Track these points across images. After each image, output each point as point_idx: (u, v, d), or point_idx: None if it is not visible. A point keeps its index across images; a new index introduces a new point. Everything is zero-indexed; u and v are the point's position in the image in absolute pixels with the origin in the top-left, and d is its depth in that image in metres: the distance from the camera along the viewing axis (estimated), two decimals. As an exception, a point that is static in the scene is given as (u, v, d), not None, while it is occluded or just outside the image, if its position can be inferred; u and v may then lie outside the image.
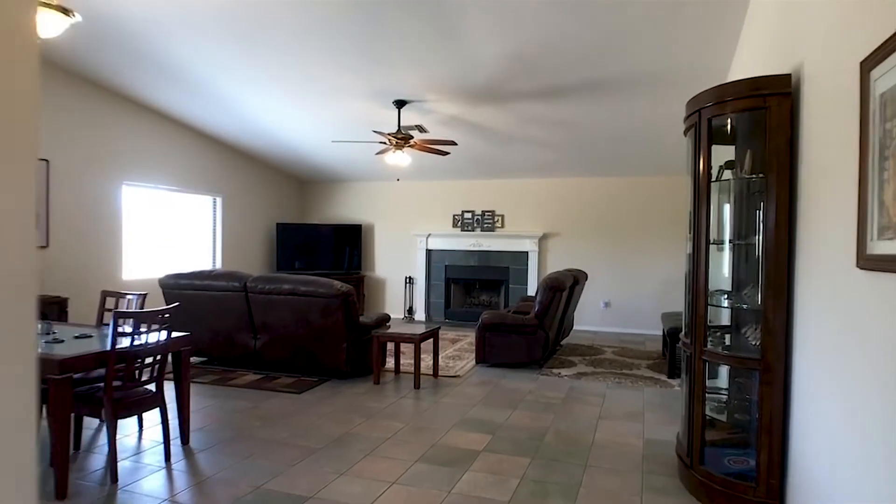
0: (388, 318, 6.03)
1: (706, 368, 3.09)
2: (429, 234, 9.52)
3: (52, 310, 5.62)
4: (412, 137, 6.41)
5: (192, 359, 6.16)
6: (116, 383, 3.38)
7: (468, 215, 9.41)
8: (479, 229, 9.35)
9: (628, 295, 8.65)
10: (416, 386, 5.36)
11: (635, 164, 8.16)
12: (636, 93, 5.70)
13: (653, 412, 4.73)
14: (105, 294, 4.50)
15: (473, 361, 6.41)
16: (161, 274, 7.30)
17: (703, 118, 3.05)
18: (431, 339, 5.83)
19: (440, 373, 5.90)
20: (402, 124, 6.88)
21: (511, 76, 5.45)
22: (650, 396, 5.21)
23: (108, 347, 3.27)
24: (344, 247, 9.73)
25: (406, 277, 9.73)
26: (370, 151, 7.56)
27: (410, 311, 9.70)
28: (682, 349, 3.33)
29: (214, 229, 8.45)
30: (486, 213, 9.33)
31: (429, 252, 9.62)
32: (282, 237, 9.42)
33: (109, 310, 4.46)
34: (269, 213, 9.51)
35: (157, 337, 3.58)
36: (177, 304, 3.70)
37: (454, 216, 9.50)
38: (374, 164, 8.77)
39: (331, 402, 4.89)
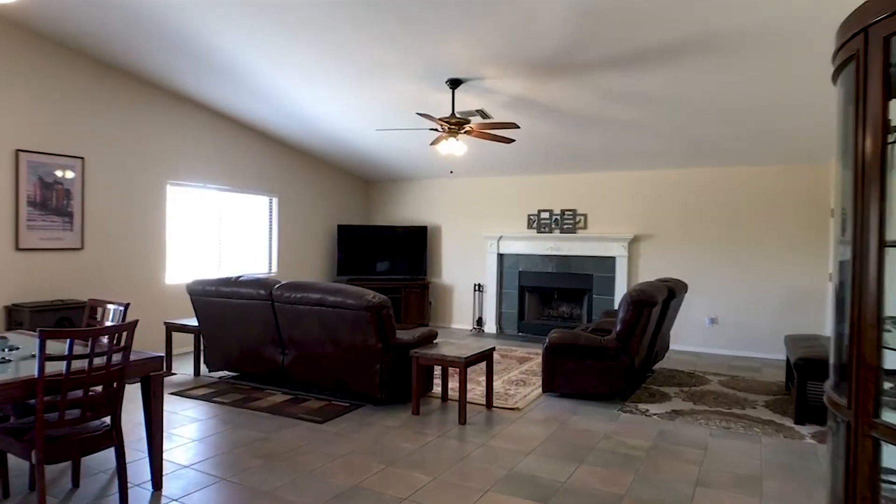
0: (433, 334, 5.09)
1: (879, 451, 1.88)
2: (500, 237, 8.50)
3: (79, 316, 5.18)
4: (467, 122, 5.44)
5: (222, 373, 5.58)
6: (50, 416, 2.68)
7: (545, 215, 8.29)
8: (557, 231, 8.20)
9: (740, 310, 7.16)
10: (462, 421, 4.37)
11: (750, 151, 6.70)
12: (751, 54, 4.40)
13: (775, 478, 3.45)
14: (92, 303, 3.89)
15: (540, 389, 5.32)
16: (214, 275, 6.82)
17: (874, 41, 1.85)
18: (485, 362, 4.82)
19: (495, 403, 4.87)
20: (462, 110, 5.95)
21: (582, 39, 4.35)
22: (771, 451, 3.90)
23: (37, 373, 2.57)
24: (408, 251, 8.91)
25: (475, 285, 8.75)
26: (432, 146, 6.66)
27: (480, 322, 8.70)
28: (830, 411, 2.12)
29: (270, 231, 7.91)
30: (567, 213, 8.17)
31: (500, 257, 8.59)
32: (342, 240, 8.76)
33: (94, 319, 3.86)
34: (330, 215, 8.88)
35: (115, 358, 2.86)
36: (135, 320, 2.97)
37: (529, 216, 8.41)
38: (441, 160, 7.88)
39: (354, 436, 4.02)
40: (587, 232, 8.06)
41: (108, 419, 2.90)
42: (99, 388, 2.82)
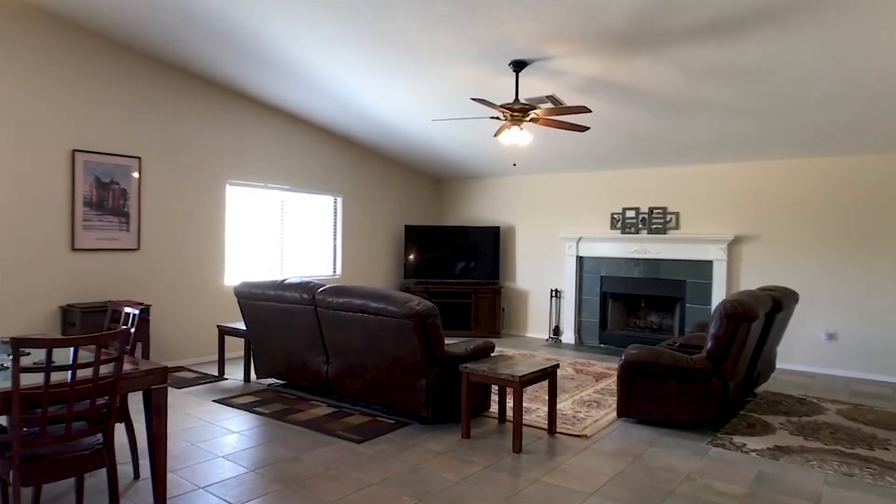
0: (489, 346, 4.53)
1: None
2: (580, 238, 7.77)
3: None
4: (533, 108, 4.85)
5: (270, 380, 5.32)
6: (28, 431, 2.41)
7: (631, 214, 7.48)
8: (645, 231, 7.37)
9: (865, 323, 6.04)
10: (517, 448, 3.79)
11: (881, 135, 5.60)
12: (883, 8, 3.50)
13: (918, 554, 2.61)
14: (112, 306, 3.69)
15: (615, 413, 4.62)
16: (276, 277, 6.66)
17: None
18: (548, 381, 4.20)
19: (560, 428, 4.24)
20: (530, 97, 5.36)
21: (664, 1, 3.65)
22: (910, 514, 3.02)
23: (12, 385, 2.30)
24: (480, 253, 8.39)
25: (552, 290, 8.07)
26: (496, 137, 6.11)
27: (557, 331, 8.01)
28: None
29: (335, 232, 7.68)
30: (656, 211, 7.32)
31: (580, 259, 7.86)
32: (410, 241, 8.38)
33: (115, 323, 3.65)
34: (397, 215, 8.53)
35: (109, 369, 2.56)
36: (128, 328, 2.67)
37: (613, 215, 7.62)
38: (513, 156, 7.31)
39: (390, 461, 3.56)
40: (679, 232, 7.17)
41: (100, 437, 2.61)
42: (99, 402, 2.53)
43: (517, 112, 4.90)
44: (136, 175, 5.47)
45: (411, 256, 8.39)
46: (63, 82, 5.00)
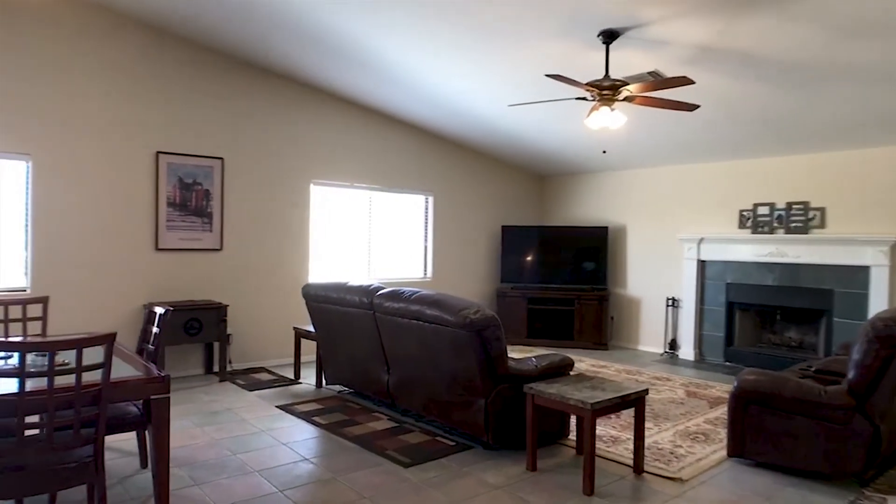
0: (567, 363, 3.89)
1: None
2: (701, 239, 6.75)
3: (210, 317, 5.12)
4: (624, 84, 4.12)
5: (336, 387, 5.07)
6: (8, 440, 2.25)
7: (764, 210, 6.35)
8: (781, 231, 6.21)
9: None
10: (588, 490, 3.13)
11: None
12: None
13: None
14: (148, 307, 3.57)
15: (725, 451, 3.76)
16: (363, 280, 6.47)
17: None
18: (634, 409, 3.47)
19: (650, 466, 3.50)
20: (627, 74, 4.63)
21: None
22: None
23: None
24: (586, 255, 7.62)
25: (668, 298, 7.10)
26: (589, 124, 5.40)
27: (673, 345, 7.03)
28: None
29: (426, 233, 7.34)
30: (795, 207, 6.13)
31: (701, 264, 6.83)
32: (507, 242, 7.82)
33: (151, 325, 3.52)
34: (494, 214, 8.01)
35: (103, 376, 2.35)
36: (113, 333, 2.43)
37: (741, 212, 6.53)
38: (625, 146, 6.52)
39: (434, 494, 3.08)
40: (825, 232, 5.94)
41: (89, 450, 2.40)
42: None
43: (606, 90, 4.20)
44: (218, 176, 5.50)
45: (508, 259, 7.83)
46: (147, 86, 5.12)
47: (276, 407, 4.53)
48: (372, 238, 6.82)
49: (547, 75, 3.90)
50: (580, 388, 3.42)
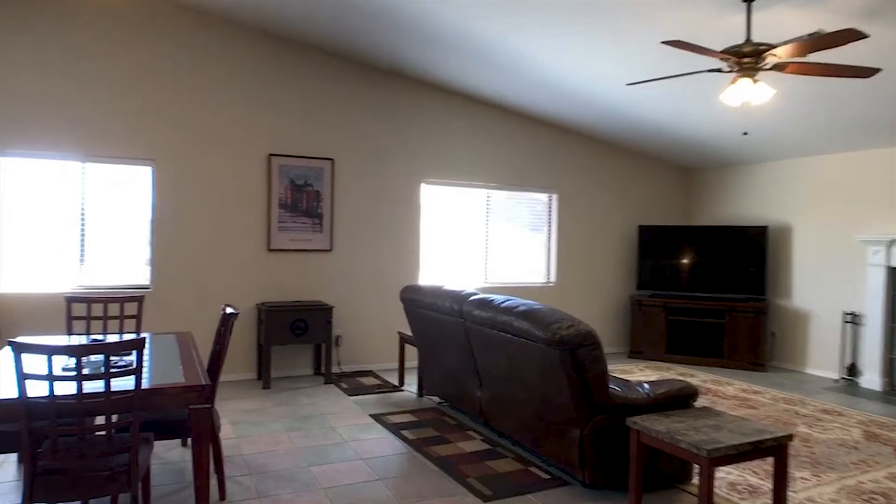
0: (688, 393, 3.18)
1: None
2: (892, 241, 5.43)
3: (317, 317, 5.09)
4: (770, 48, 3.30)
5: (436, 398, 4.75)
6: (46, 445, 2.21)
7: (984, 205, 4.91)
8: None
9: None
10: (701, 559, 2.46)
11: None
12: None
13: None
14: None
15: (912, 524, 2.81)
16: (478, 284, 6.18)
17: None
18: (774, 460, 2.70)
19: (794, 536, 2.70)
20: (782, 40, 3.77)
21: None
22: None
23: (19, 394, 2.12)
24: (739, 260, 6.54)
25: (846, 313, 5.82)
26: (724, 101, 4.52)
27: (852, 370, 5.74)
28: None
29: (549, 234, 6.79)
30: None
31: (892, 271, 5.50)
32: (645, 245, 6.98)
33: (224, 327, 3.44)
34: (629, 213, 7.19)
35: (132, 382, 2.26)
36: (143, 337, 2.29)
37: (950, 208, 5.13)
38: (783, 128, 5.47)
39: (504, 541, 2.62)
40: None
41: (124, 458, 2.30)
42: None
43: (747, 58, 3.41)
44: (328, 176, 5.47)
45: (646, 263, 6.98)
46: (260, 90, 5.22)
47: (370, 416, 4.33)
48: (489, 240, 6.43)
49: (664, 42, 3.23)
50: (700, 426, 2.74)
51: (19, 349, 2.09)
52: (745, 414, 4.59)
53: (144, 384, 2.39)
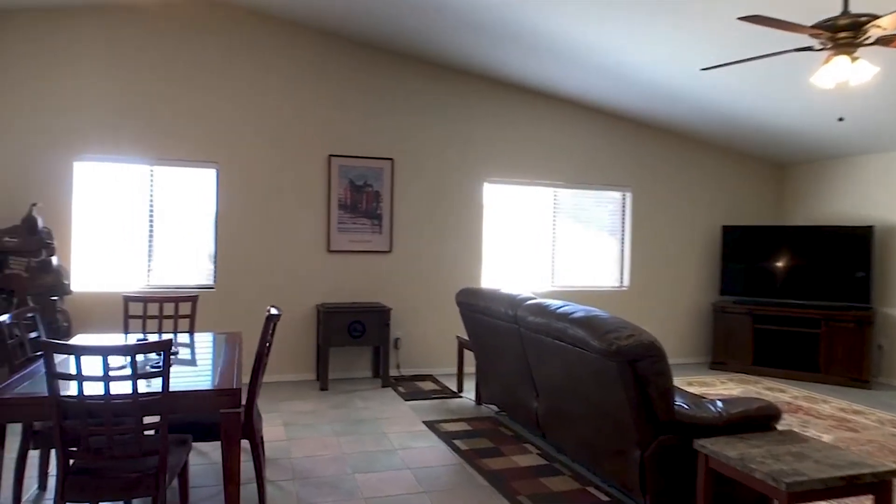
0: (769, 414, 2.79)
1: None
2: None
3: (374, 319, 5.02)
4: (874, 18, 2.87)
5: (491, 407, 4.53)
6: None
7: None
8: None
9: None
10: None
11: None
12: None
13: None
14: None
15: None
16: (545, 288, 5.93)
17: None
18: (874, 498, 2.30)
19: (899, 589, 2.28)
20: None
21: None
22: None
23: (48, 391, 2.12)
24: (840, 263, 5.88)
25: (969, 326, 5.08)
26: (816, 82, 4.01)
27: (978, 391, 4.99)
28: None
29: (622, 235, 6.40)
30: None
31: None
32: (729, 247, 6.43)
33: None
34: (711, 212, 6.65)
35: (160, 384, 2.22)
36: (167, 339, 2.22)
37: None
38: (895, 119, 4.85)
39: (551, 571, 2.38)
40: None
41: (153, 461, 2.26)
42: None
43: (844, 32, 2.98)
44: (387, 177, 5.39)
45: (731, 267, 6.43)
46: (320, 90, 5.22)
47: (424, 422, 4.18)
48: (556, 241, 6.13)
49: (742, 18, 2.87)
50: (781, 453, 2.38)
51: (50, 349, 2.09)
52: (845, 437, 4.07)
53: (182, 385, 2.35)
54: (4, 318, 2.55)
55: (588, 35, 4.36)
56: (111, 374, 2.13)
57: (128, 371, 2.47)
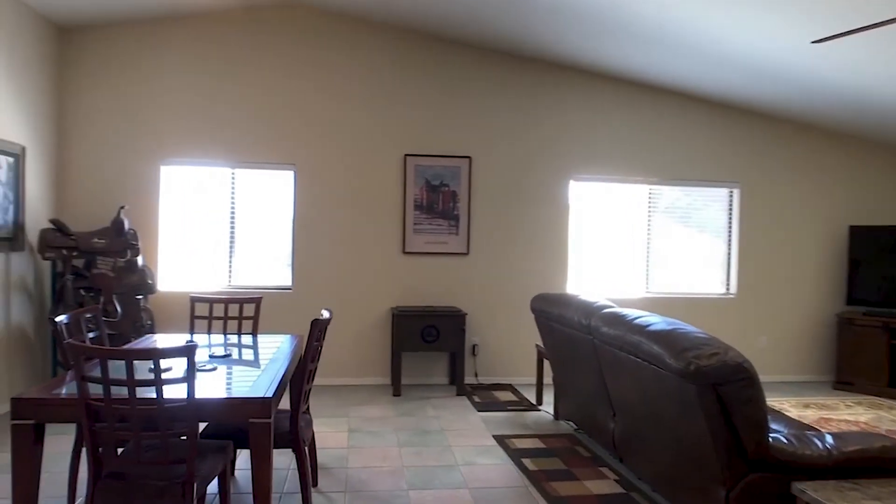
0: (892, 454, 2.27)
1: None
2: None
3: (449, 324, 4.85)
4: None
5: (570, 423, 4.18)
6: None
7: None
8: None
9: None
10: None
11: None
12: None
13: None
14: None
15: None
16: (638, 294, 5.50)
17: None
18: None
19: None
20: None
21: None
22: None
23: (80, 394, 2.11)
24: None
25: None
26: None
27: None
28: None
29: (729, 236, 5.75)
30: None
31: None
32: (859, 250, 5.58)
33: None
34: (835, 211, 5.80)
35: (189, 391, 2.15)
36: (191, 343, 2.12)
37: None
38: None
39: None
40: None
41: (181, 469, 2.20)
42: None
43: None
44: (465, 176, 5.18)
45: (860, 273, 5.58)
46: (396, 89, 5.11)
47: (494, 436, 3.92)
48: (651, 243, 5.62)
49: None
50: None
51: (75, 351, 2.08)
52: None
53: (220, 393, 2.28)
54: (62, 318, 2.61)
55: (682, 15, 3.90)
56: (150, 377, 2.09)
57: (169, 374, 2.47)
